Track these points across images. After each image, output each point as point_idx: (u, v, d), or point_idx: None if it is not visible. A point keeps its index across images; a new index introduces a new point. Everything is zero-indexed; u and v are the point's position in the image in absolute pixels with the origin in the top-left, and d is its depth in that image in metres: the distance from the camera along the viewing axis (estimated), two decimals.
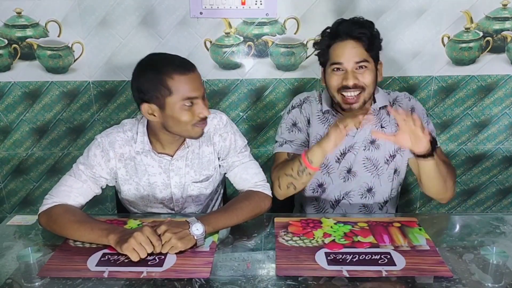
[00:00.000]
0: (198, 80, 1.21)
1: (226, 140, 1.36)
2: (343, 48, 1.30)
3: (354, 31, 1.29)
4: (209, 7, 1.87)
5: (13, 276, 1.03)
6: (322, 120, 1.46)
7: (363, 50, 1.30)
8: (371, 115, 1.36)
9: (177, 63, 1.20)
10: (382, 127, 1.43)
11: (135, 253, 1.05)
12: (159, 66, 1.18)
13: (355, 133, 1.42)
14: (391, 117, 1.42)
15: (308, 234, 1.19)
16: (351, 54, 1.30)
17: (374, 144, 1.43)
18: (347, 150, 1.44)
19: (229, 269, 1.04)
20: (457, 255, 1.09)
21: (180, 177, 1.36)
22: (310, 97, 1.49)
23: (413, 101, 1.46)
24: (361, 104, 1.33)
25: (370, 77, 1.31)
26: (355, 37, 1.30)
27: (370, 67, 1.32)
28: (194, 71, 1.21)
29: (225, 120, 1.37)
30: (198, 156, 1.36)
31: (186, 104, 1.19)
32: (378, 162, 1.44)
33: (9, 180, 2.19)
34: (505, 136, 2.09)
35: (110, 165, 1.32)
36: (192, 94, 1.19)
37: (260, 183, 1.36)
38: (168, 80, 1.16)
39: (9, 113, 2.06)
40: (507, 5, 1.88)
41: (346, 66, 1.30)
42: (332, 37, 1.33)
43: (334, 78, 1.33)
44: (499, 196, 2.23)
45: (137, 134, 1.31)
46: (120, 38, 1.92)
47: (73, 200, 1.26)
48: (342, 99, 1.33)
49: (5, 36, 1.94)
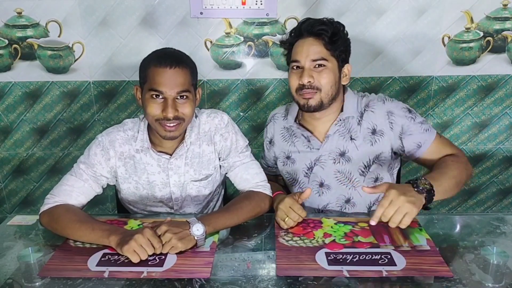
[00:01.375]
0: (172, 77, 1.19)
1: (227, 140, 1.36)
2: (302, 45, 1.27)
3: (314, 27, 1.26)
4: (210, 7, 1.87)
5: (13, 276, 1.03)
6: (285, 137, 1.43)
7: (322, 48, 1.26)
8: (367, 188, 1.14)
9: (161, 56, 1.22)
10: (352, 138, 1.34)
11: (135, 255, 1.05)
12: (152, 55, 1.25)
13: (320, 146, 1.36)
14: (361, 127, 1.33)
15: (309, 234, 1.19)
16: (308, 51, 1.25)
17: (345, 156, 1.35)
18: (314, 163, 1.39)
19: (229, 269, 1.04)
20: (458, 255, 1.08)
21: (179, 176, 1.36)
22: (277, 115, 1.48)
23: (388, 103, 1.32)
24: (317, 102, 1.27)
25: (328, 77, 1.26)
26: (315, 33, 1.26)
27: (330, 66, 1.26)
28: (171, 67, 1.19)
29: (226, 120, 1.37)
30: (198, 155, 1.36)
31: (152, 96, 1.21)
32: (352, 175, 1.36)
33: (10, 180, 2.19)
34: (505, 136, 2.09)
35: (110, 164, 1.32)
36: (157, 87, 1.19)
37: (261, 184, 1.36)
38: (148, 68, 1.22)
39: (10, 113, 2.06)
40: (508, 5, 1.88)
41: (303, 63, 1.26)
42: (295, 35, 1.31)
43: (292, 78, 1.30)
44: (499, 196, 2.23)
45: (138, 132, 1.33)
46: (121, 38, 1.92)
47: (74, 199, 1.26)
48: (300, 98, 1.29)
49: (6, 36, 1.94)
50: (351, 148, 1.34)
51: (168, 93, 1.20)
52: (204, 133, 1.36)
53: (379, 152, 1.34)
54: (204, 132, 1.36)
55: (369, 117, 1.33)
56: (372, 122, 1.32)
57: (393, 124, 1.31)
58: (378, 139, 1.33)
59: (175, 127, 1.23)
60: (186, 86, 1.22)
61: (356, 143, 1.34)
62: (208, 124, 1.36)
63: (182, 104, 1.23)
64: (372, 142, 1.33)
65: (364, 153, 1.34)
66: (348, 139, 1.34)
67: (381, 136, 1.32)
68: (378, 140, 1.33)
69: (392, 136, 1.32)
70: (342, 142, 1.34)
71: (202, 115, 1.37)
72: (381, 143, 1.33)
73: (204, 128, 1.36)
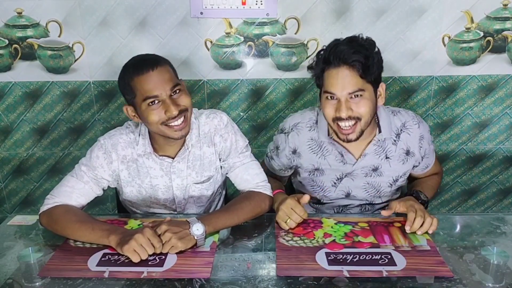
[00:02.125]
0: (159, 78, 1.17)
1: (227, 141, 1.35)
2: (335, 77, 1.20)
3: (348, 57, 1.17)
4: (210, 7, 1.87)
5: (13, 276, 1.03)
6: (314, 150, 1.38)
7: (358, 78, 1.19)
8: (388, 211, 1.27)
9: (136, 64, 1.19)
10: (387, 157, 1.36)
11: (136, 255, 1.04)
12: (126, 69, 1.21)
13: (354, 162, 1.36)
14: (397, 147, 1.35)
15: (309, 234, 1.19)
16: (344, 84, 1.19)
17: (377, 171, 1.38)
18: (344, 175, 1.39)
19: (229, 269, 1.04)
20: (458, 255, 1.08)
21: (182, 179, 1.36)
22: (301, 124, 1.38)
23: (422, 127, 1.36)
24: (357, 135, 1.25)
25: (366, 106, 1.22)
26: (350, 63, 1.18)
27: (367, 95, 1.22)
28: (153, 69, 1.16)
29: (225, 121, 1.36)
30: (199, 157, 1.36)
31: (149, 104, 1.18)
32: (380, 186, 1.41)
33: (10, 180, 2.19)
34: (505, 136, 2.09)
35: (113, 167, 1.32)
36: (151, 93, 1.17)
37: (261, 184, 1.35)
38: (131, 82, 1.18)
39: (10, 113, 2.06)
40: (508, 5, 1.88)
41: (339, 96, 1.21)
42: (325, 61, 1.23)
43: (328, 108, 1.24)
44: (499, 196, 2.23)
45: (139, 136, 1.31)
46: (121, 38, 1.92)
47: (74, 200, 1.26)
48: (338, 129, 1.25)
49: (6, 36, 1.94)
50: (384, 165, 1.37)
51: (162, 94, 1.17)
52: (204, 134, 1.35)
53: (407, 169, 1.41)
54: (204, 133, 1.35)
55: (405, 138, 1.36)
56: (407, 144, 1.37)
57: (421, 148, 1.38)
58: (409, 158, 1.38)
59: (183, 123, 1.22)
60: (174, 80, 1.20)
61: (390, 162, 1.37)
62: (208, 125, 1.35)
63: (179, 98, 1.21)
64: (404, 161, 1.38)
65: (396, 170, 1.39)
66: (384, 157, 1.36)
67: (412, 157, 1.38)
68: (409, 160, 1.39)
69: (418, 157, 1.40)
70: (377, 159, 1.36)
71: (201, 116, 1.36)
72: (410, 162, 1.39)
73: (204, 130, 1.35)
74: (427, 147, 1.39)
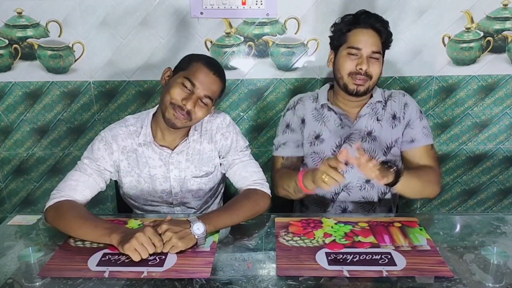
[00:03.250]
0: (209, 81, 1.28)
1: (227, 139, 1.39)
2: (364, 34, 1.39)
3: (376, 23, 1.40)
4: (210, 7, 1.87)
5: (13, 276, 1.03)
6: (316, 117, 1.52)
7: (379, 42, 1.40)
8: (359, 144, 1.42)
9: (209, 60, 1.32)
10: (378, 119, 1.49)
11: (136, 254, 1.05)
12: (201, 56, 1.34)
13: (352, 124, 1.48)
14: (386, 111, 1.50)
15: (309, 234, 1.19)
16: (369, 42, 1.38)
17: (371, 136, 1.48)
18: (343, 141, 1.49)
19: (229, 269, 1.04)
20: (458, 255, 1.09)
21: (179, 171, 1.39)
22: (304, 98, 1.56)
23: (407, 97, 1.52)
24: (365, 89, 1.41)
25: (379, 68, 1.41)
26: (376, 28, 1.40)
27: (380, 60, 1.42)
28: (214, 74, 1.28)
29: (228, 121, 1.41)
30: (199, 152, 1.39)
31: (183, 84, 1.26)
32: (376, 154, 1.48)
33: (10, 180, 2.19)
34: (505, 136, 2.09)
35: (113, 158, 1.36)
36: (194, 80, 1.26)
37: (259, 181, 1.37)
38: (193, 63, 1.29)
39: (10, 113, 2.06)
40: (508, 5, 1.88)
41: (364, 52, 1.38)
42: (354, 22, 1.41)
43: (348, 62, 1.40)
44: (499, 196, 2.22)
45: (142, 127, 1.37)
46: (121, 38, 1.92)
47: (80, 193, 1.27)
48: (352, 80, 1.40)
49: (6, 36, 1.94)
50: (377, 128, 1.49)
51: (198, 90, 1.26)
52: (205, 131, 1.40)
53: (397, 136, 1.50)
54: (206, 130, 1.40)
55: (391, 104, 1.51)
56: (392, 109, 1.50)
57: (405, 115, 1.49)
58: (396, 124, 1.50)
59: (183, 118, 1.27)
60: (215, 94, 1.31)
61: (381, 123, 1.49)
62: (210, 123, 1.40)
63: (200, 106, 1.28)
64: (392, 126, 1.49)
65: (387, 134, 1.49)
66: (375, 119, 1.49)
67: (398, 122, 1.49)
68: (396, 125, 1.49)
69: (403, 125, 1.50)
70: (370, 122, 1.49)
71: None
72: (398, 129, 1.49)
73: (206, 127, 1.40)
74: (412, 117, 1.48)
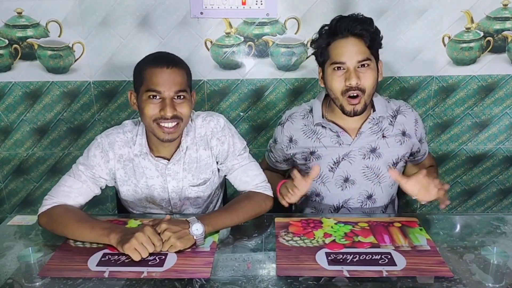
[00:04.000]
0: (170, 77, 1.19)
1: (224, 144, 1.34)
2: (344, 45, 1.24)
3: (355, 27, 1.23)
4: (210, 7, 1.87)
5: (13, 276, 1.03)
6: (308, 134, 1.41)
7: (365, 47, 1.24)
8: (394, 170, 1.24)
9: (157, 57, 1.24)
10: (384, 136, 1.38)
11: (136, 253, 1.05)
12: (146, 58, 1.25)
13: (351, 141, 1.37)
14: (394, 127, 1.39)
15: (309, 234, 1.19)
16: (353, 52, 1.23)
17: (375, 153, 1.38)
18: (341, 158, 1.39)
19: (229, 269, 1.04)
20: (458, 255, 1.08)
21: (177, 181, 1.36)
22: (294, 115, 1.43)
23: (415, 112, 1.44)
24: (362, 107, 1.28)
25: (371, 78, 1.26)
26: (357, 34, 1.23)
27: (372, 66, 1.26)
28: (168, 67, 1.19)
29: (222, 123, 1.35)
30: (195, 160, 1.35)
31: (150, 97, 1.20)
32: (380, 171, 1.40)
33: (10, 180, 2.19)
34: (505, 136, 2.09)
35: (109, 166, 1.32)
36: (155, 87, 1.19)
37: (261, 185, 1.35)
38: (143, 70, 1.22)
39: (10, 113, 2.06)
40: (508, 5, 1.88)
41: (349, 64, 1.24)
42: (331, 34, 1.26)
43: (336, 80, 1.27)
44: (499, 196, 2.23)
45: (137, 136, 1.32)
46: (121, 38, 1.92)
47: (73, 200, 1.25)
48: (347, 101, 1.27)
49: (6, 36, 1.94)
50: (382, 145, 1.38)
51: (166, 92, 1.19)
52: (200, 137, 1.34)
53: (405, 152, 1.42)
54: (200, 136, 1.34)
55: (402, 120, 1.41)
56: (403, 125, 1.41)
57: (417, 131, 1.43)
58: (406, 140, 1.41)
59: (173, 128, 1.22)
60: (183, 86, 1.22)
61: (387, 140, 1.38)
62: (204, 128, 1.34)
63: (179, 104, 1.22)
64: (401, 142, 1.40)
65: (394, 150, 1.40)
66: (380, 136, 1.38)
67: (408, 138, 1.41)
68: (405, 141, 1.41)
69: (415, 140, 1.43)
70: (374, 139, 1.38)
71: (197, 119, 1.35)
72: (407, 145, 1.42)
73: (200, 132, 1.34)
74: (422, 132, 1.45)
